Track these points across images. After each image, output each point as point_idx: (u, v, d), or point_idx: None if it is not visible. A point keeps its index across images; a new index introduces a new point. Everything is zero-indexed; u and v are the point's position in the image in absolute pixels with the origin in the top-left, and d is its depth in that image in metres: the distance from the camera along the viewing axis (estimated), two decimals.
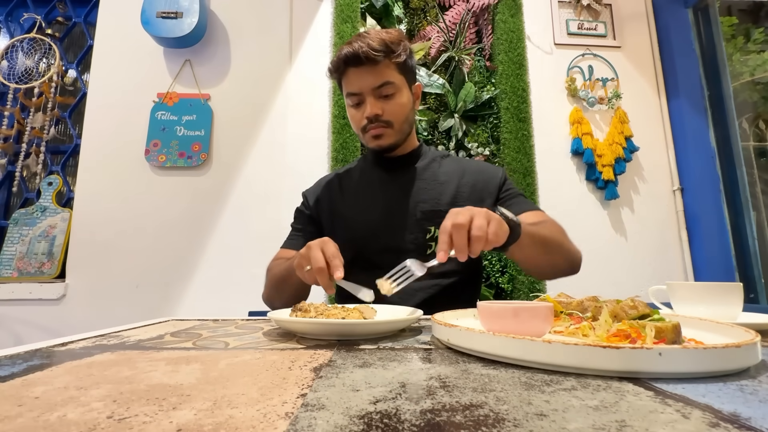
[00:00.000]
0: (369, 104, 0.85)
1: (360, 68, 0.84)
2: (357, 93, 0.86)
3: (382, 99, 0.86)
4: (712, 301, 0.54)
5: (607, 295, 0.59)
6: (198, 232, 1.65)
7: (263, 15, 1.84)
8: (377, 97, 0.86)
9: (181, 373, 0.30)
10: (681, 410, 0.22)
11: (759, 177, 1.80)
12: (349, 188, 0.96)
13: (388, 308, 0.62)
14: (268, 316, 0.51)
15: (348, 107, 0.91)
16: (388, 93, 0.86)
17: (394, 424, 0.20)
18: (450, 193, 0.90)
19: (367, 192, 0.94)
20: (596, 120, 1.86)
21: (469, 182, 0.92)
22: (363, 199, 0.93)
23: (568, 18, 1.93)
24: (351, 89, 0.87)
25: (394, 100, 0.87)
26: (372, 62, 0.83)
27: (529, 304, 0.41)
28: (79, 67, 1.90)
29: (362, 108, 0.87)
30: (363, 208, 0.92)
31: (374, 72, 0.84)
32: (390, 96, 0.86)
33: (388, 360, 0.35)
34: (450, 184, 0.91)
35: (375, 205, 0.91)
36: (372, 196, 0.92)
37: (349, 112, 0.91)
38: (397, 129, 0.88)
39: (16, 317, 1.55)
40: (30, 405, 0.23)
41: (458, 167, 0.95)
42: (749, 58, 1.89)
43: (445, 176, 0.93)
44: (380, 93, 0.85)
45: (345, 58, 0.84)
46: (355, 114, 0.89)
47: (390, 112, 0.86)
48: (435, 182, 0.92)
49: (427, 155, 0.97)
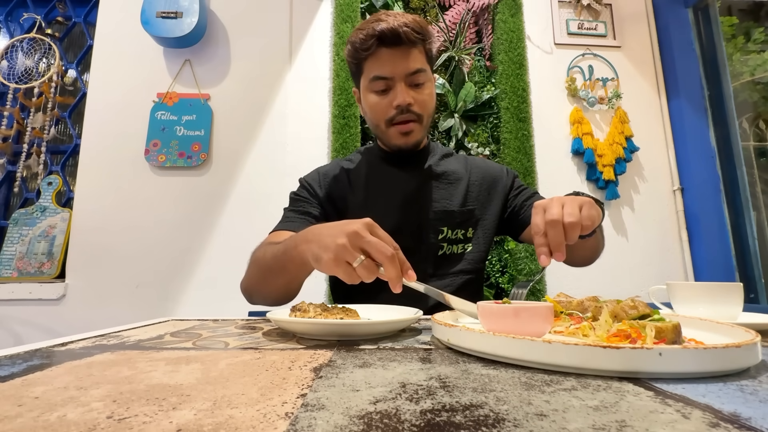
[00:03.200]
0: (400, 91, 0.75)
1: (395, 49, 0.74)
2: (387, 77, 0.76)
3: (413, 88, 0.77)
4: (712, 301, 0.54)
5: (607, 295, 0.59)
6: (198, 232, 1.64)
7: (263, 15, 1.84)
8: (408, 84, 0.77)
9: (181, 373, 0.30)
10: (681, 410, 0.22)
11: (759, 177, 1.80)
12: (358, 184, 0.88)
13: (388, 308, 0.62)
14: (267, 316, 0.51)
15: (368, 93, 0.80)
16: (419, 81, 0.77)
17: (394, 424, 0.20)
18: (460, 192, 0.86)
19: (378, 190, 0.86)
20: (596, 120, 1.86)
21: (476, 181, 0.89)
22: (374, 198, 0.86)
23: (568, 18, 1.93)
24: (381, 72, 0.76)
25: (426, 90, 0.79)
26: (409, 44, 0.74)
27: (529, 304, 0.41)
28: (79, 67, 1.90)
29: (389, 95, 0.77)
30: (374, 206, 0.85)
31: (409, 56, 0.75)
32: (421, 85, 0.78)
33: (388, 360, 0.35)
34: (459, 184, 0.87)
35: (387, 204, 0.85)
36: (384, 194, 0.86)
37: (370, 100, 0.79)
38: (425, 124, 0.82)
39: (16, 317, 1.55)
40: (30, 405, 0.23)
41: (465, 165, 0.91)
42: (749, 58, 1.89)
43: (454, 175, 0.88)
44: (413, 80, 0.77)
45: (380, 34, 0.73)
46: (378, 102, 0.78)
47: (421, 104, 0.78)
48: (445, 181, 0.87)
49: (435, 152, 0.92)
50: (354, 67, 0.82)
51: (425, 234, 0.83)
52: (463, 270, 0.84)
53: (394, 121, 0.79)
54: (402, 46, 0.74)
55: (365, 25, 0.76)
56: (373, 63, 0.77)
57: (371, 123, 0.84)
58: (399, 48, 0.75)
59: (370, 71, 0.78)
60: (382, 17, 0.75)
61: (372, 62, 0.77)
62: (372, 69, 0.77)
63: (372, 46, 0.75)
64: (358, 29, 0.78)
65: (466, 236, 0.85)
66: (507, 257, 1.63)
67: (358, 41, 0.76)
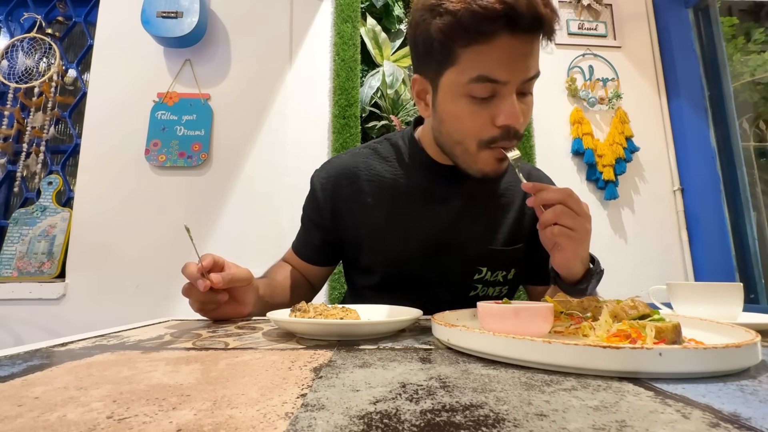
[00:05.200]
0: (513, 105, 0.53)
1: (523, 39, 0.51)
2: (500, 81, 0.52)
3: (520, 98, 0.55)
4: (712, 301, 0.54)
5: (607, 295, 0.59)
6: (198, 232, 1.64)
7: (263, 15, 1.84)
8: (519, 93, 0.55)
9: (181, 373, 0.30)
10: (681, 410, 0.22)
11: (759, 177, 1.80)
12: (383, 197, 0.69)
13: (388, 308, 0.62)
14: (267, 316, 0.51)
15: (460, 97, 0.55)
16: (529, 91, 0.57)
17: (394, 424, 0.20)
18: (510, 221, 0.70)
19: (409, 211, 0.68)
20: (596, 120, 1.86)
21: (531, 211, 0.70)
22: (401, 220, 0.68)
23: (569, 18, 1.93)
24: (495, 72, 0.52)
25: (529, 101, 0.58)
26: (543, 33, 0.53)
27: (529, 304, 0.41)
28: (79, 67, 1.90)
29: (491, 106, 0.54)
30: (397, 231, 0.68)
31: (533, 53, 0.53)
32: (528, 96, 0.57)
33: (388, 360, 0.35)
34: (512, 208, 0.70)
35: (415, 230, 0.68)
36: (415, 217, 0.68)
37: (462, 108, 0.56)
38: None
39: (16, 317, 1.55)
40: (30, 405, 0.23)
41: (516, 181, 0.70)
42: (750, 58, 1.90)
43: (507, 194, 0.70)
44: (525, 89, 0.56)
45: (512, 12, 0.48)
46: (477, 113, 0.55)
47: (526, 122, 0.57)
48: (496, 204, 0.69)
49: None
50: (440, 50, 0.54)
51: (459, 272, 0.69)
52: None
53: (496, 141, 0.56)
54: (533, 35, 0.52)
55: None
56: (484, 54, 0.52)
57: (449, 137, 0.60)
58: (529, 37, 0.52)
59: (474, 65, 0.53)
60: None
61: (483, 52, 0.52)
62: (479, 63, 0.52)
63: (495, 29, 0.50)
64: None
65: (506, 278, 0.71)
66: None
67: (469, 15, 0.49)
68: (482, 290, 0.71)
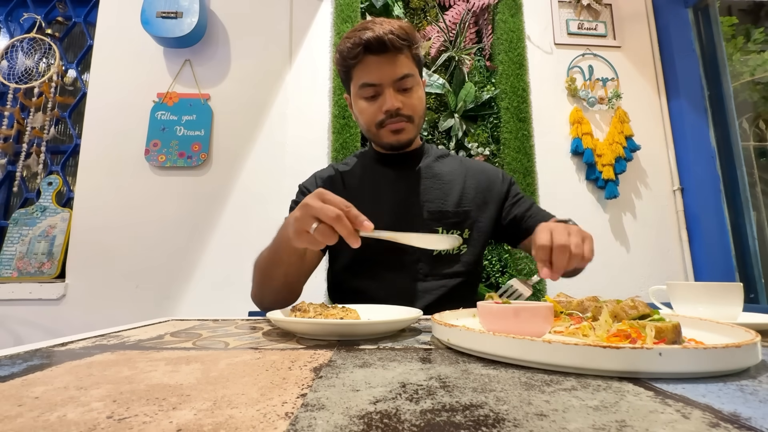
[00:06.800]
0: (389, 97, 0.79)
1: (381, 56, 0.77)
2: (375, 84, 0.79)
3: (401, 92, 0.80)
4: (712, 301, 0.54)
5: (607, 295, 0.59)
6: (198, 232, 1.64)
7: (263, 15, 1.84)
8: (397, 89, 0.80)
9: (181, 373, 0.30)
10: (681, 410, 0.22)
11: (759, 177, 1.80)
12: (352, 186, 0.90)
13: (388, 308, 0.62)
14: (267, 316, 0.51)
15: (358, 99, 0.83)
16: (407, 86, 0.80)
17: (394, 424, 0.20)
18: (456, 193, 0.87)
19: (372, 190, 0.88)
20: (596, 120, 1.86)
21: (473, 184, 0.90)
22: (369, 198, 0.87)
23: (568, 18, 1.93)
24: (368, 79, 0.79)
25: (414, 93, 0.82)
26: (395, 51, 0.77)
27: (529, 304, 0.41)
28: (79, 67, 1.90)
29: (378, 101, 0.80)
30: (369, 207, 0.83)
31: (396, 62, 0.78)
32: (409, 89, 0.81)
33: (388, 360, 0.35)
34: (455, 184, 0.89)
35: (381, 204, 0.86)
36: (378, 194, 0.88)
37: (360, 105, 0.83)
38: (416, 124, 0.84)
39: (16, 317, 1.55)
40: (30, 405, 0.23)
41: (461, 167, 0.93)
42: (749, 58, 1.90)
43: (449, 176, 0.90)
44: (400, 86, 0.80)
45: (366, 43, 0.76)
46: (368, 107, 0.82)
47: (410, 107, 0.81)
48: (440, 181, 0.89)
49: (429, 153, 0.94)
50: (343, 75, 0.85)
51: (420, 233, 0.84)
52: (458, 272, 0.84)
53: (384, 124, 0.82)
54: (388, 53, 0.77)
55: (352, 34, 0.79)
56: (361, 70, 0.79)
57: (363, 127, 0.87)
58: (385, 55, 0.77)
59: (358, 78, 0.81)
60: (369, 25, 0.78)
61: (360, 70, 0.80)
62: (360, 76, 0.80)
63: (359, 55, 0.77)
64: (345, 38, 0.80)
65: (462, 237, 0.86)
66: (507, 257, 1.63)
67: (345, 50, 0.79)
68: (443, 249, 0.84)
